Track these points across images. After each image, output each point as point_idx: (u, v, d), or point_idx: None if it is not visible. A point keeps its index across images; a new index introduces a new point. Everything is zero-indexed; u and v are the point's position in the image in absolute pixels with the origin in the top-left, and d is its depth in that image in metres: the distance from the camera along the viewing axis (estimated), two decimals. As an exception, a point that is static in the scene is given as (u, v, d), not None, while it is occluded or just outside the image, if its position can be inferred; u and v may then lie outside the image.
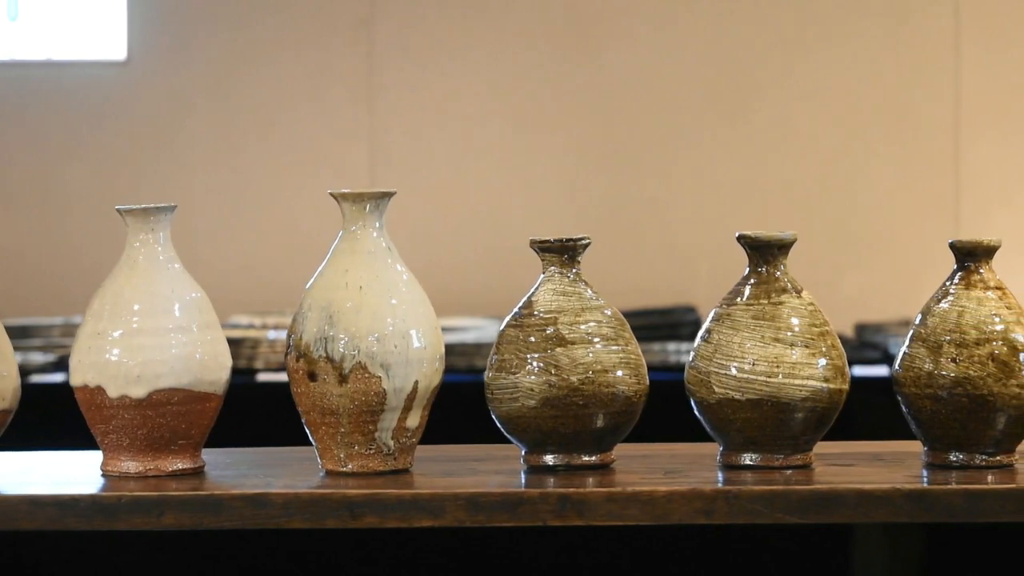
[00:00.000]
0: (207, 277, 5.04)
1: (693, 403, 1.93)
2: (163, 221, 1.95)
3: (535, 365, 1.89)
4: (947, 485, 1.79)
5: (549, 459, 1.92)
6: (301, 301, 1.92)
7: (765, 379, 1.88)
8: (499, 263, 4.87)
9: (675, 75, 5.02)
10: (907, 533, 3.95)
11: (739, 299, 1.93)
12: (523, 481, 1.85)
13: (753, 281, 1.94)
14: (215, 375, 1.93)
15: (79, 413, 1.93)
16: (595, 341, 1.91)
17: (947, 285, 1.94)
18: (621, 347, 1.92)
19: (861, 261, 4.97)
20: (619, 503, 1.79)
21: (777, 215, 4.94)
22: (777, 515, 1.78)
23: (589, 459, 1.92)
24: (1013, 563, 3.95)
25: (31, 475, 1.94)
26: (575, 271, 1.95)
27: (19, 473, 1.95)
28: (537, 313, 1.92)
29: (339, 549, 3.97)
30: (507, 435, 1.93)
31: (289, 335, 1.92)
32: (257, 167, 5.03)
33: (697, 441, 2.06)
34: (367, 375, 1.87)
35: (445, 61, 5.03)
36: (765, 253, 1.93)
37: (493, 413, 1.93)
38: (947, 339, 1.89)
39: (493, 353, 1.93)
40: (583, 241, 1.95)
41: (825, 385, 1.89)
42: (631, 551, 3.99)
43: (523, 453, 1.94)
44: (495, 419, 1.93)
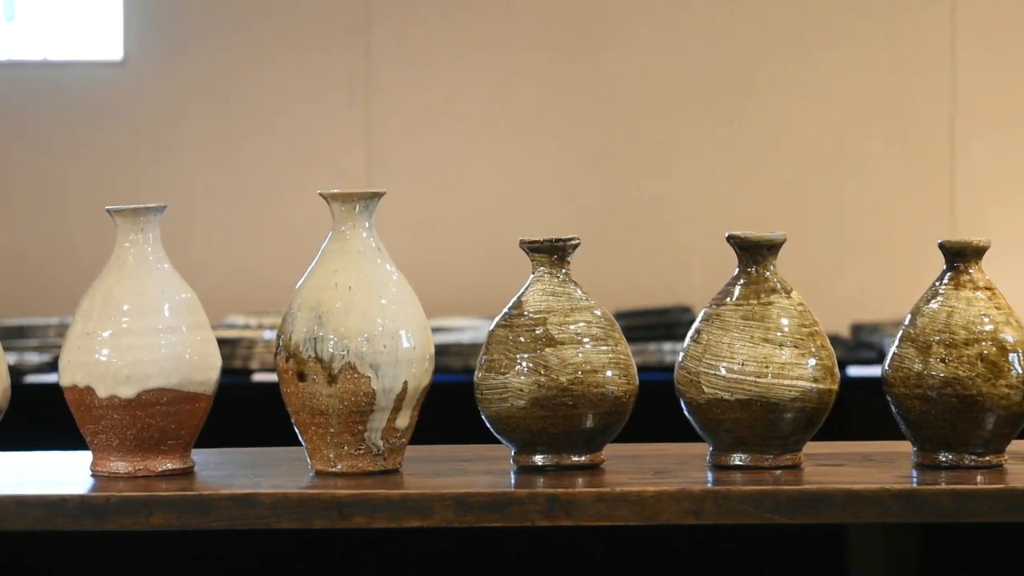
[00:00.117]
0: (203, 277, 5.05)
1: (683, 403, 1.93)
2: (153, 221, 1.95)
3: (524, 365, 1.89)
4: (936, 485, 1.79)
5: (539, 459, 1.92)
6: (291, 301, 1.92)
7: (754, 379, 1.88)
8: (496, 264, 4.87)
9: (672, 76, 5.02)
10: (902, 533, 3.95)
11: (728, 299, 1.93)
12: (512, 481, 1.85)
13: (743, 281, 1.94)
14: (205, 375, 1.92)
15: (76, 413, 1.93)
16: (584, 341, 1.90)
17: (936, 285, 1.94)
18: (611, 347, 1.91)
19: (857, 261, 4.97)
20: (608, 503, 1.79)
21: (774, 215, 4.93)
22: (766, 515, 1.78)
23: (579, 459, 1.92)
24: (1008, 563, 3.95)
25: (21, 476, 1.94)
26: (565, 271, 1.95)
27: (9, 474, 1.95)
28: (527, 313, 1.92)
29: (332, 548, 3.97)
30: (496, 435, 1.93)
31: (279, 335, 1.92)
32: (254, 168, 5.03)
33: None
34: (356, 375, 1.87)
35: (442, 63, 5.03)
36: (755, 253, 1.93)
37: (483, 413, 1.93)
38: (936, 339, 1.89)
39: (483, 354, 1.93)
40: (572, 241, 1.95)
41: (814, 385, 1.89)
42: (625, 551, 3.99)
43: (512, 453, 1.94)
44: (485, 419, 1.93)
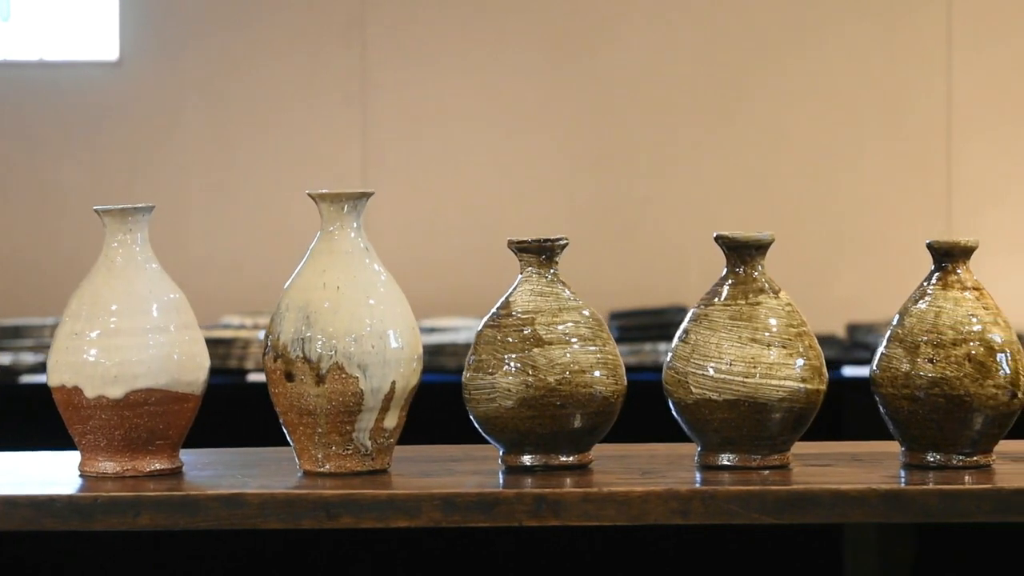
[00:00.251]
0: (199, 277, 5.06)
1: (671, 403, 1.93)
2: (141, 222, 1.94)
3: (512, 366, 1.89)
4: (923, 486, 1.79)
5: (527, 459, 1.91)
6: (279, 301, 1.92)
7: (742, 379, 1.87)
8: (492, 263, 4.87)
9: (667, 76, 5.02)
10: (897, 532, 3.95)
11: (717, 299, 1.93)
12: (500, 481, 1.85)
13: (731, 282, 1.94)
14: (193, 376, 1.92)
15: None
16: (572, 341, 1.90)
17: (924, 285, 1.94)
18: (599, 347, 1.91)
19: (853, 261, 4.97)
20: (595, 503, 1.78)
21: (770, 216, 4.93)
22: (753, 515, 1.78)
23: (567, 459, 1.92)
24: (1001, 563, 3.95)
25: (10, 476, 1.94)
26: (553, 271, 1.95)
27: (-2, 473, 1.95)
28: (515, 313, 1.92)
29: (322, 548, 3.97)
30: (485, 436, 1.93)
31: (267, 335, 1.91)
32: (250, 168, 5.03)
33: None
34: (344, 375, 1.87)
35: (438, 62, 5.03)
36: (743, 253, 1.93)
37: (471, 414, 1.93)
38: (924, 339, 1.89)
39: (471, 354, 1.93)
40: (560, 242, 1.94)
41: (802, 386, 1.88)
42: (617, 551, 3.99)
43: (501, 454, 1.94)
44: (473, 420, 1.93)
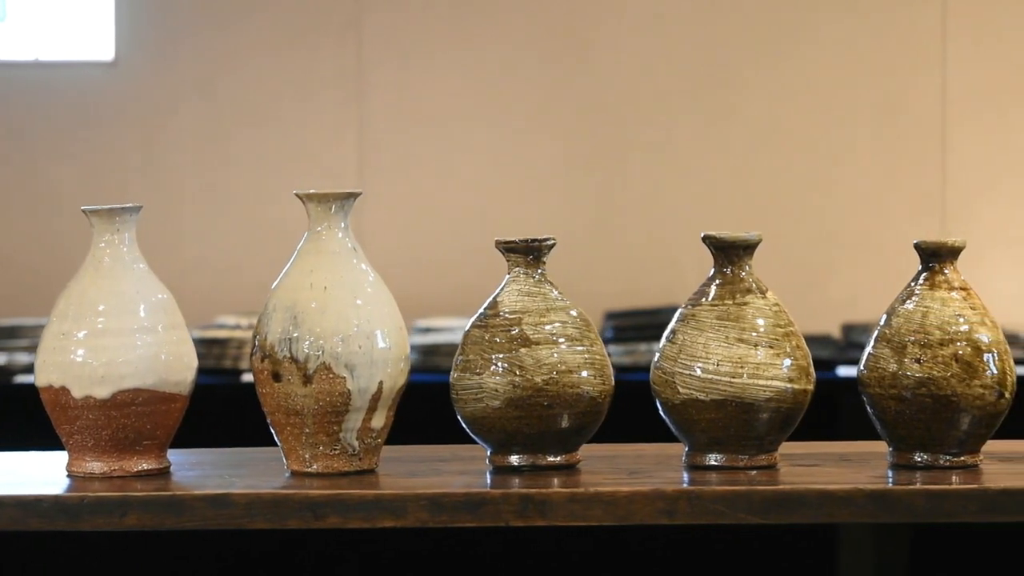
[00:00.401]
0: (194, 277, 5.06)
1: (658, 403, 1.93)
2: (128, 222, 1.94)
3: (500, 366, 1.89)
4: (909, 486, 1.79)
5: (514, 460, 1.91)
6: (266, 301, 1.92)
7: (729, 379, 1.87)
8: (487, 263, 4.87)
9: (662, 75, 5.02)
10: (891, 533, 3.95)
11: (704, 299, 1.93)
12: (487, 482, 1.85)
13: (718, 282, 1.94)
14: (180, 376, 1.92)
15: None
16: (560, 342, 1.90)
17: (912, 286, 1.94)
18: (586, 348, 1.91)
19: (848, 261, 4.97)
20: (581, 503, 1.78)
21: (764, 215, 4.93)
22: (739, 515, 1.78)
23: (554, 459, 1.92)
24: (995, 563, 3.95)
25: (-2, 476, 1.94)
26: (541, 272, 1.95)
27: (-14, 474, 1.95)
28: (502, 314, 1.92)
29: (310, 548, 3.97)
30: (472, 436, 1.93)
31: (254, 335, 1.92)
32: (245, 167, 5.03)
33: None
34: (331, 375, 1.87)
35: (434, 61, 5.03)
36: (730, 254, 1.93)
37: (458, 414, 1.93)
38: (911, 339, 1.89)
39: (458, 354, 1.93)
40: (548, 242, 1.95)
41: (789, 386, 1.88)
42: (610, 550, 3.99)
43: (488, 454, 1.94)
44: (460, 420, 1.93)
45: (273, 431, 1.92)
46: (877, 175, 4.99)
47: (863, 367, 1.92)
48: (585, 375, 1.90)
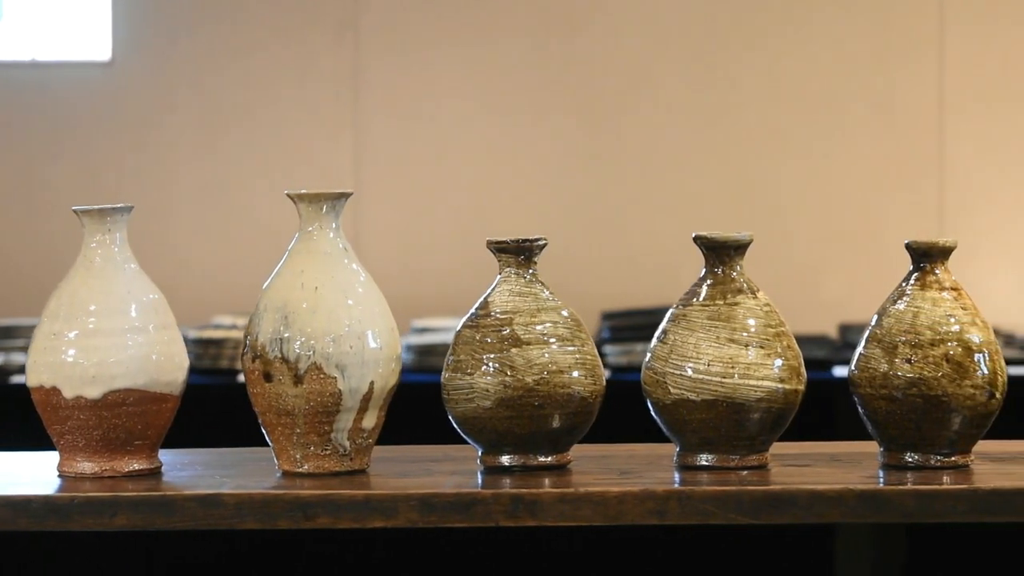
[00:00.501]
0: (191, 277, 5.05)
1: (649, 404, 1.93)
2: (119, 222, 1.94)
3: (491, 366, 1.89)
4: (898, 486, 1.79)
5: (505, 460, 1.91)
6: (257, 302, 1.92)
7: (720, 380, 1.87)
8: (483, 264, 4.87)
9: (657, 76, 5.02)
10: (889, 532, 3.95)
11: (695, 300, 1.93)
12: (478, 482, 1.85)
13: (709, 282, 1.93)
14: (171, 376, 1.92)
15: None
16: (551, 342, 1.90)
17: (903, 286, 1.94)
18: (577, 348, 1.91)
19: (846, 261, 4.97)
20: (571, 504, 1.78)
21: (762, 216, 4.93)
22: (730, 515, 1.78)
23: (545, 460, 1.91)
24: (992, 563, 3.95)
25: (-12, 476, 1.94)
26: (532, 272, 1.95)
27: (-24, 474, 1.95)
28: (493, 314, 1.92)
29: (305, 547, 3.97)
30: (463, 436, 1.93)
31: (245, 335, 1.92)
32: (241, 167, 5.03)
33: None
34: (322, 376, 1.87)
35: (430, 60, 5.03)
36: (721, 254, 1.93)
37: (449, 414, 1.93)
38: (902, 340, 1.89)
39: (449, 354, 1.93)
40: (539, 242, 1.94)
41: (780, 386, 1.88)
42: (609, 550, 3.99)
43: (480, 454, 1.94)
44: (452, 420, 1.93)
45: (264, 431, 1.92)
46: (875, 175, 4.98)
47: (854, 367, 1.93)
48: (576, 375, 1.90)
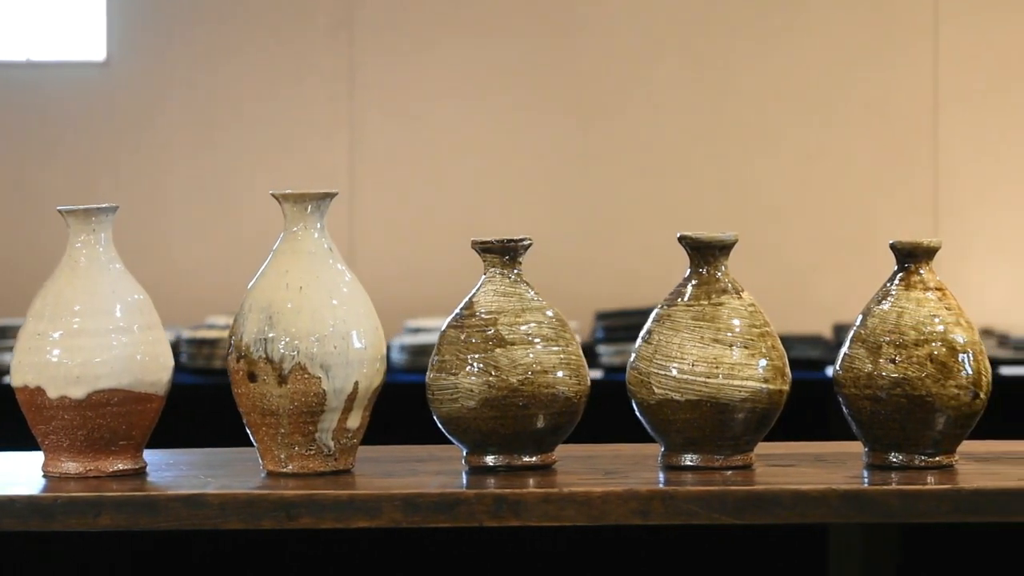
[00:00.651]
0: (185, 277, 5.05)
1: (634, 404, 1.93)
2: (105, 222, 1.94)
3: (475, 366, 1.89)
4: (882, 486, 1.79)
5: (490, 460, 1.91)
6: (242, 302, 1.92)
7: (704, 380, 1.87)
8: (479, 263, 4.87)
9: (652, 77, 5.02)
10: (882, 532, 3.95)
11: (680, 300, 1.93)
12: (462, 482, 1.85)
13: (694, 282, 1.94)
14: (156, 376, 1.92)
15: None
16: (535, 342, 1.90)
17: (888, 286, 1.93)
18: (561, 348, 1.91)
19: (841, 262, 4.96)
20: (555, 504, 1.78)
21: (756, 216, 4.93)
22: (713, 515, 1.78)
23: (530, 460, 1.91)
24: (986, 562, 3.95)
25: (-26, 476, 1.94)
26: (517, 272, 1.95)
27: (-38, 474, 1.95)
28: (478, 314, 1.92)
29: (293, 547, 3.97)
30: (448, 436, 1.93)
31: (230, 335, 1.91)
32: (237, 166, 5.03)
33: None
34: (307, 376, 1.87)
35: (425, 63, 5.03)
36: (706, 254, 1.93)
37: (434, 414, 1.93)
38: (886, 340, 1.88)
39: (434, 354, 1.93)
40: (524, 242, 1.94)
41: (765, 386, 1.88)
42: (599, 551, 3.99)
43: (464, 454, 1.93)
44: (436, 420, 1.93)
45: (249, 431, 1.92)
46: (870, 176, 4.98)
47: (839, 367, 1.92)
48: (560, 375, 1.90)
